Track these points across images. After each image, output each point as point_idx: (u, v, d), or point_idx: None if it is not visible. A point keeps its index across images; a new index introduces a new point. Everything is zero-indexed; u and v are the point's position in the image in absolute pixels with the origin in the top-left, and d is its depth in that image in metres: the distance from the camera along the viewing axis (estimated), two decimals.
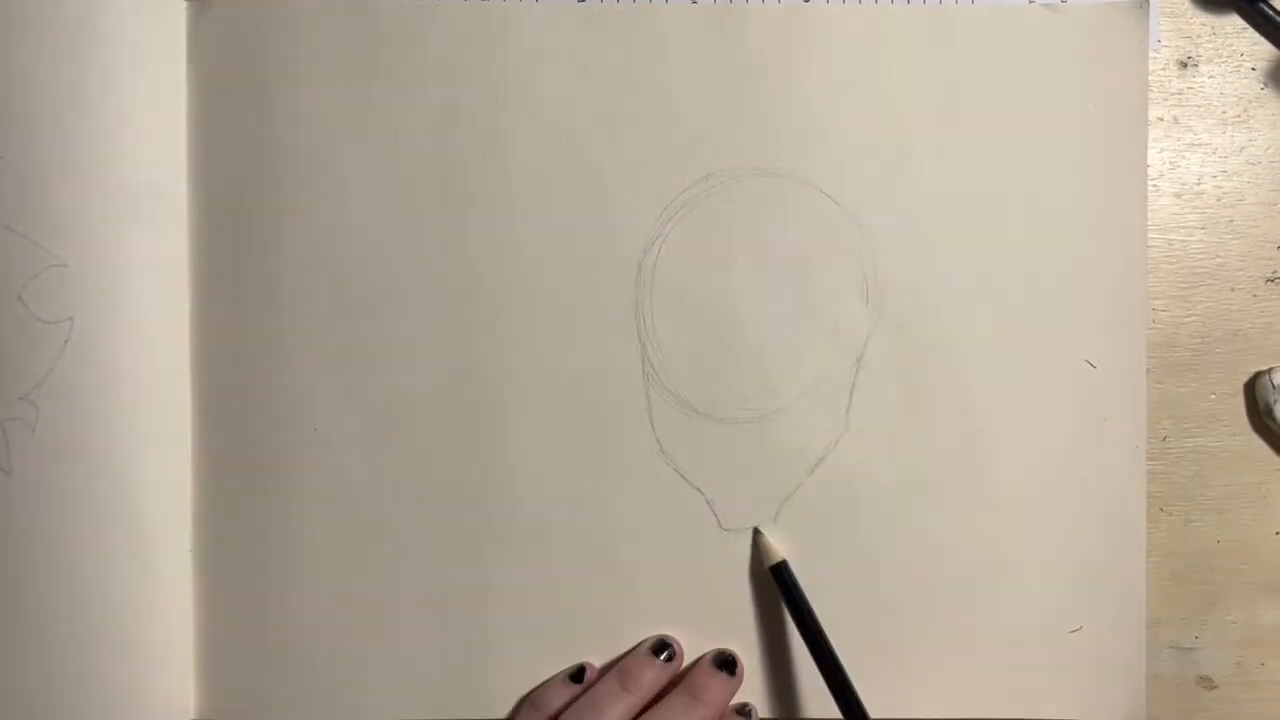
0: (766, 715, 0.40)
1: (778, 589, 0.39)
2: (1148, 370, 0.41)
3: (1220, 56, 0.42)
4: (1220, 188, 0.42)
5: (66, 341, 0.39)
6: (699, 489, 0.41)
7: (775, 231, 0.41)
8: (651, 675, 0.39)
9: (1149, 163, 0.41)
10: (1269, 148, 0.42)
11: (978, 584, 0.40)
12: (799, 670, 0.40)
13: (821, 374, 0.41)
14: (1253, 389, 0.41)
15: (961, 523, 0.40)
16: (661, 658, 0.39)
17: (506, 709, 0.40)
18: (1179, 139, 0.42)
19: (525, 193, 0.41)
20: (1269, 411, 0.40)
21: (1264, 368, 0.41)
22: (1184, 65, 0.42)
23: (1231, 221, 0.42)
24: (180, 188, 0.40)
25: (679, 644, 0.40)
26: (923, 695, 0.40)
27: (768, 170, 0.41)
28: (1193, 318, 0.42)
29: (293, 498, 0.40)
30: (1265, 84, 0.42)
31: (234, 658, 0.40)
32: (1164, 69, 0.42)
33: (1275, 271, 0.42)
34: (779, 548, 0.40)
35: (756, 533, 0.40)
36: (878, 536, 0.40)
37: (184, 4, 0.40)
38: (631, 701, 0.38)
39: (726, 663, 0.39)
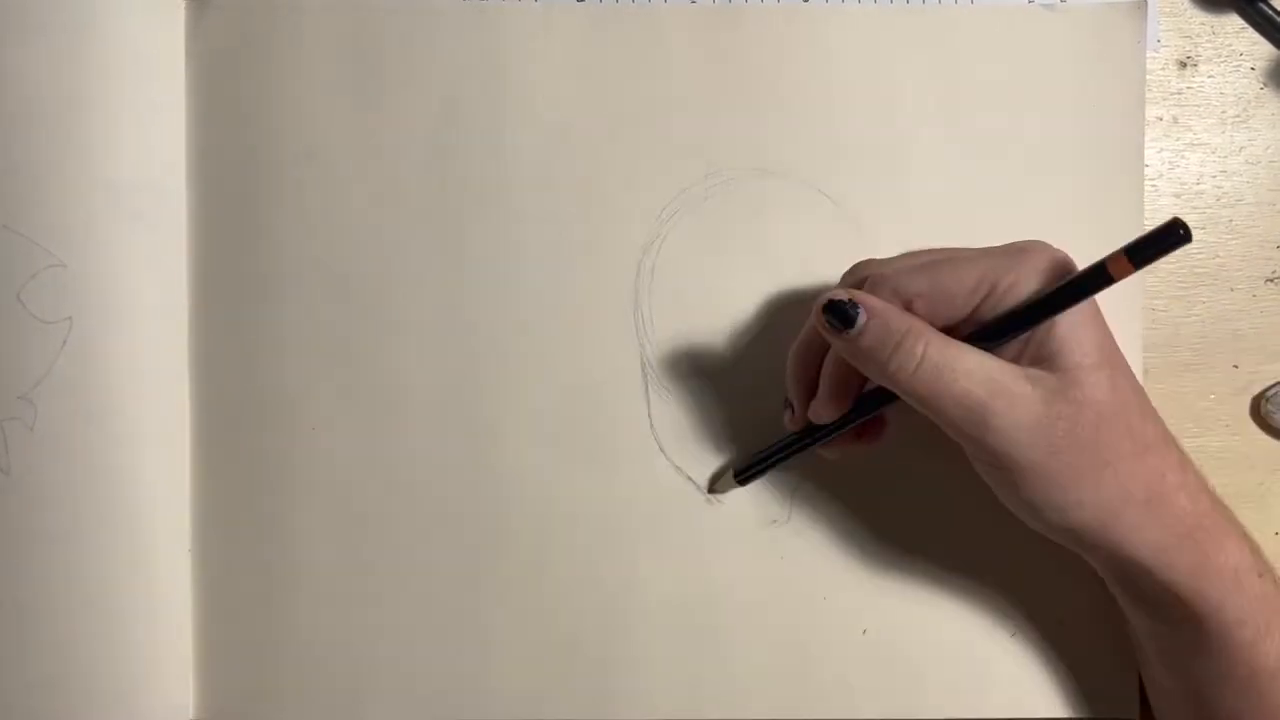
0: (770, 716, 0.40)
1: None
2: (1148, 370, 0.41)
3: (1220, 56, 0.42)
4: (1219, 188, 0.42)
5: (65, 341, 0.39)
6: (700, 489, 0.40)
7: (775, 231, 0.40)
8: None
9: (1148, 163, 0.41)
10: (1268, 148, 0.42)
11: (977, 581, 0.40)
12: (802, 671, 0.40)
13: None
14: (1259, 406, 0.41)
15: (962, 521, 0.40)
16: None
17: (506, 709, 0.40)
18: (1178, 139, 0.42)
19: (525, 193, 0.40)
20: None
21: (1269, 382, 0.42)
22: (1183, 65, 0.42)
23: (1231, 221, 0.42)
24: (180, 188, 0.40)
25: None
26: (919, 692, 0.40)
27: (768, 170, 0.41)
28: (1192, 318, 0.42)
29: (291, 497, 0.40)
30: (1265, 84, 0.42)
31: (233, 657, 0.40)
32: (1163, 69, 0.42)
33: (1275, 271, 0.42)
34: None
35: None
36: (880, 535, 0.40)
37: (183, 4, 0.40)
38: None
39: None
